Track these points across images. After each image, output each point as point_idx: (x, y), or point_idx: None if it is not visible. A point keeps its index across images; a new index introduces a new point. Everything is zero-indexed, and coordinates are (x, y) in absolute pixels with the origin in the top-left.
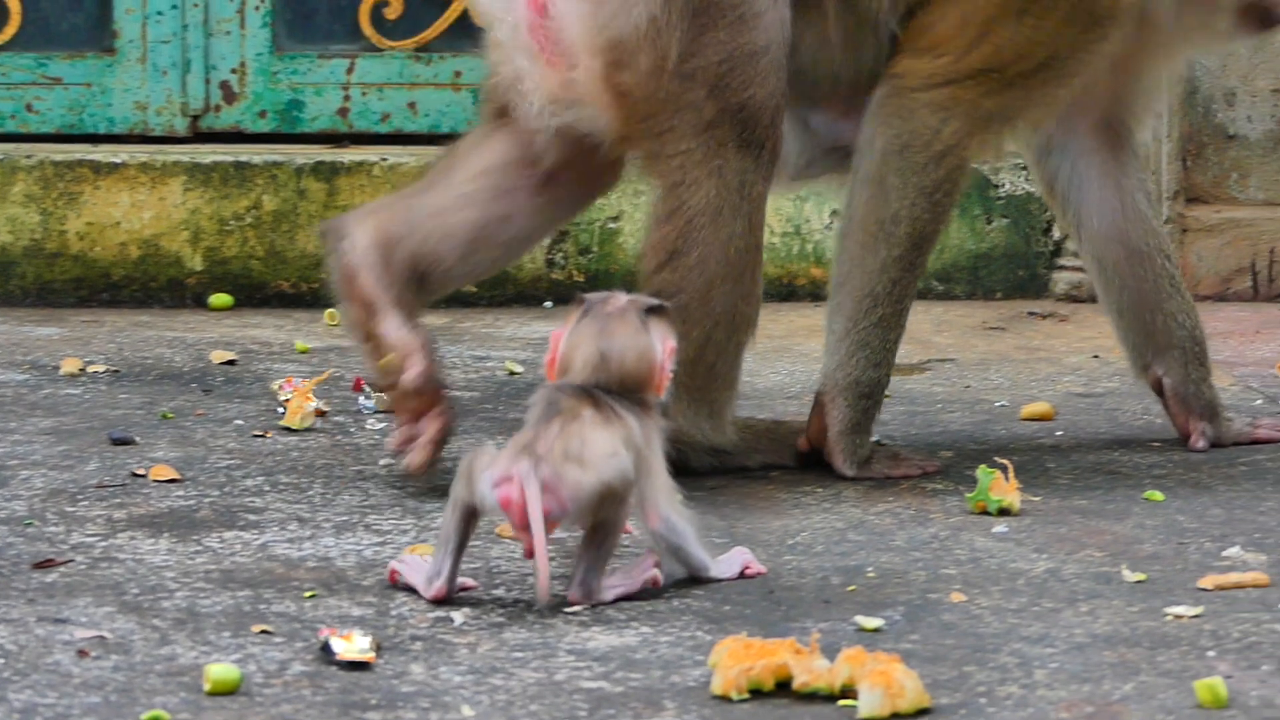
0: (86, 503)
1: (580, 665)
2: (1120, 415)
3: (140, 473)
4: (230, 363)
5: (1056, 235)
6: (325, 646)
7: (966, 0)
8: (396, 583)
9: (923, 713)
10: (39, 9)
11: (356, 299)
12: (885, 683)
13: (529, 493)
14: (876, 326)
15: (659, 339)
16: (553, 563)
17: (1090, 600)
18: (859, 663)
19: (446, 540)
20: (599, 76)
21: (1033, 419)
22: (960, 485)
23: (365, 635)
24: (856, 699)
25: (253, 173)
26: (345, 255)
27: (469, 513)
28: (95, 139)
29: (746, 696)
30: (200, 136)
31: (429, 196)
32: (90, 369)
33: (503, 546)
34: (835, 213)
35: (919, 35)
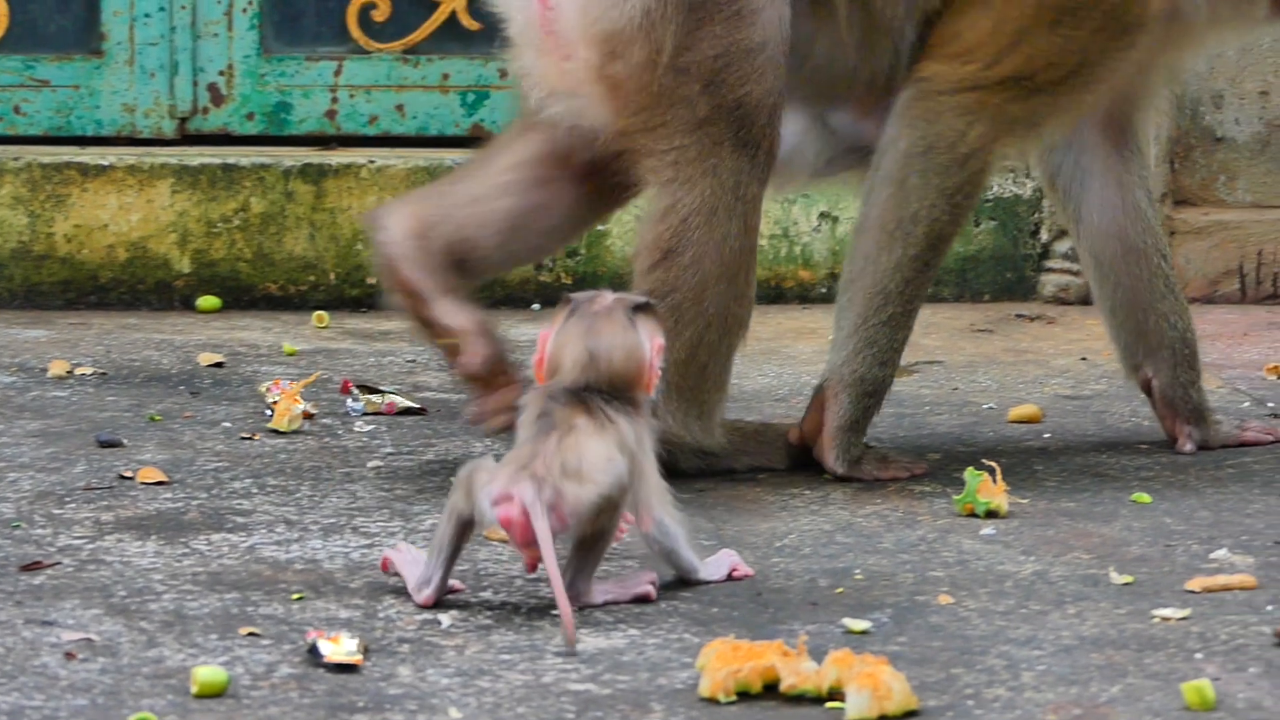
0: (74, 505)
1: (568, 667)
2: (1108, 418)
3: (128, 475)
4: (218, 365)
5: (1044, 238)
6: (313, 649)
7: (998, 9)
8: (388, 570)
9: (910, 715)
10: (26, 11)
11: (401, 288)
12: (873, 685)
13: (538, 528)
14: (885, 325)
15: (647, 336)
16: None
17: (1078, 602)
18: (846, 665)
19: (439, 549)
20: (593, 67)
21: (1020, 421)
22: (948, 487)
23: (353, 637)
24: (844, 701)
25: (240, 175)
26: (384, 246)
27: (464, 524)
28: (83, 141)
29: (734, 699)
30: (188, 139)
31: (465, 185)
32: (78, 371)
33: (490, 549)
34: (824, 215)
35: (947, 41)
